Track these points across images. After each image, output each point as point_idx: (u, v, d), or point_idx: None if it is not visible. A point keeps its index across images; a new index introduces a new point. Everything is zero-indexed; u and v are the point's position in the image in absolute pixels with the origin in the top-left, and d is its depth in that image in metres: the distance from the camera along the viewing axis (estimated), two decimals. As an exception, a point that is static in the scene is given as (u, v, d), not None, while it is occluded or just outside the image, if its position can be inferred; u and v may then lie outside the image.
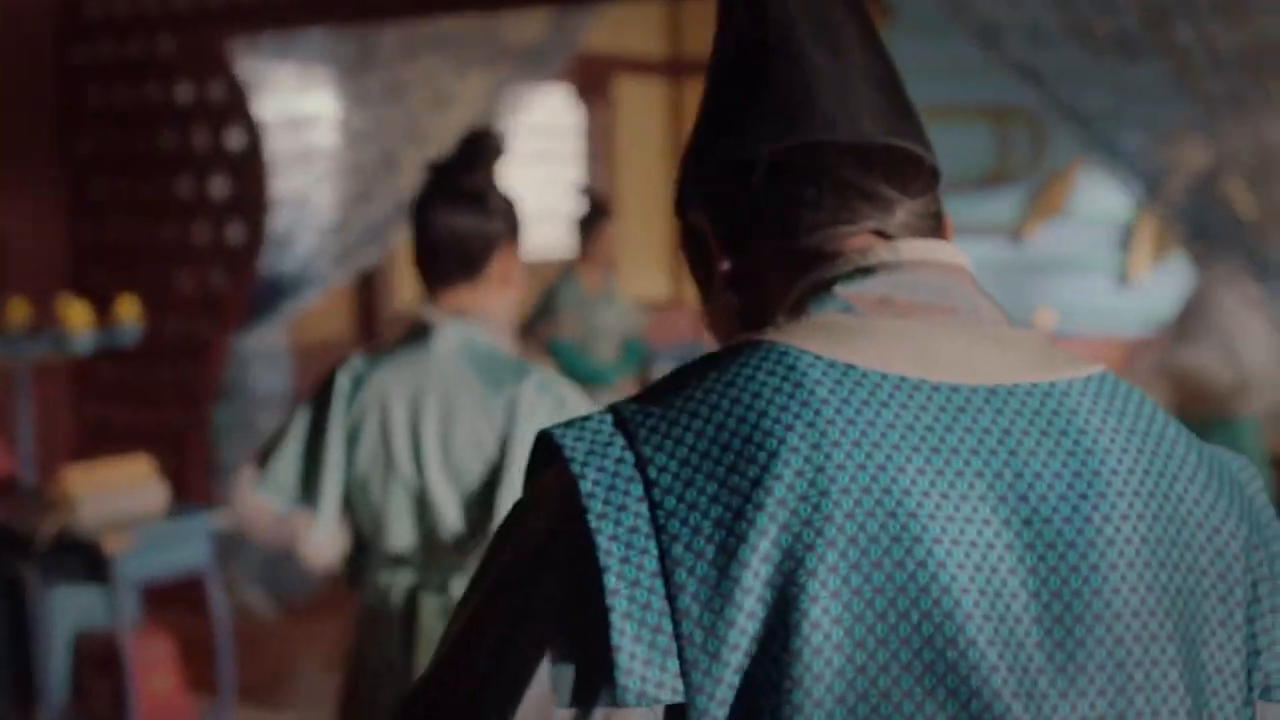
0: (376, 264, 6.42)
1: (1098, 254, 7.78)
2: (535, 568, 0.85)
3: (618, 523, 0.82)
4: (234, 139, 5.57)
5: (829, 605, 0.80)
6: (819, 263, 0.97)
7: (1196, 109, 3.80)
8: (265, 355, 5.88)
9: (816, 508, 0.81)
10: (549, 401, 2.34)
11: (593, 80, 8.64)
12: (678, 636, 0.80)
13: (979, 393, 0.88)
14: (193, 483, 5.55)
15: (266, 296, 5.74)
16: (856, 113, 0.99)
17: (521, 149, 8.11)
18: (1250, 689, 0.91)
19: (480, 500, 2.36)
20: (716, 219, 1.02)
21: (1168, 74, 3.81)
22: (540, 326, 5.90)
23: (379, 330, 7.51)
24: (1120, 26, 3.78)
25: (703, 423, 0.85)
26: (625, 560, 0.81)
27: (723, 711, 0.80)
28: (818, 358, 0.87)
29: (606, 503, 0.83)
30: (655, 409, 0.88)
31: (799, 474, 0.81)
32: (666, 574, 0.81)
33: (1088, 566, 0.85)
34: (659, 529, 0.82)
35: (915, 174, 1.00)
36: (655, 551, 0.81)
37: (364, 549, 2.48)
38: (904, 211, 0.98)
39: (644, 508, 0.82)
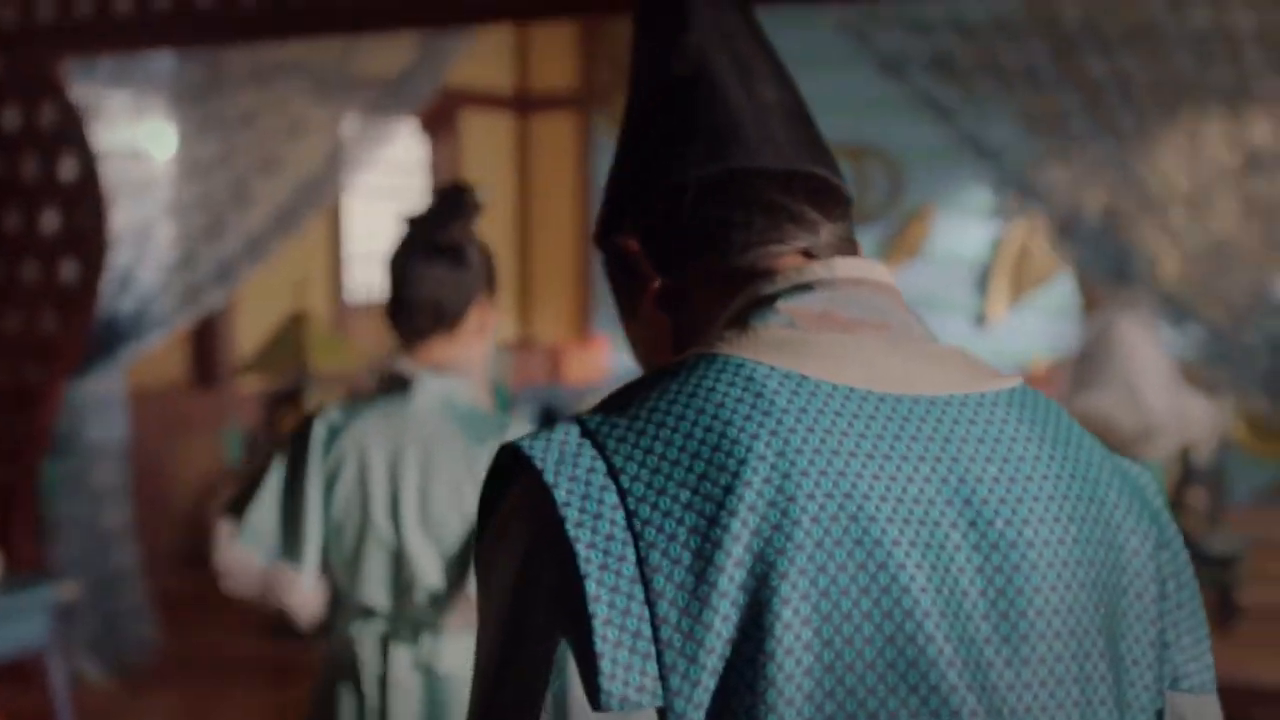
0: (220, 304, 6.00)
1: (955, 295, 7.79)
2: (521, 582, 0.87)
3: (594, 530, 0.85)
4: (67, 168, 5.13)
5: (799, 607, 0.83)
6: (753, 280, 1.01)
7: (1107, 143, 3.71)
8: (101, 403, 5.42)
9: (785, 513, 0.84)
10: None
11: (438, 114, 8.34)
12: (656, 641, 0.83)
13: (920, 403, 0.93)
14: (22, 546, 5.06)
15: (103, 340, 5.29)
16: (777, 142, 1.04)
17: (365, 185, 7.77)
18: (1161, 679, 0.97)
19: (458, 557, 2.33)
20: (648, 242, 1.06)
21: (1078, 107, 3.71)
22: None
23: (219, 375, 7.07)
24: (1029, 58, 3.67)
25: (670, 432, 0.88)
26: (604, 567, 0.84)
27: (699, 714, 0.83)
28: (772, 369, 0.91)
29: (582, 511, 0.85)
30: (620, 420, 0.90)
31: (767, 480, 0.85)
32: (645, 580, 0.83)
33: (1028, 565, 0.90)
34: (635, 536, 0.84)
35: (834, 200, 1.05)
36: (633, 558, 0.84)
37: (335, 599, 2.46)
38: (827, 233, 1.04)
39: (619, 515, 0.85)
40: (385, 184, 8.17)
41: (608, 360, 8.75)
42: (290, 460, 2.40)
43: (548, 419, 7.68)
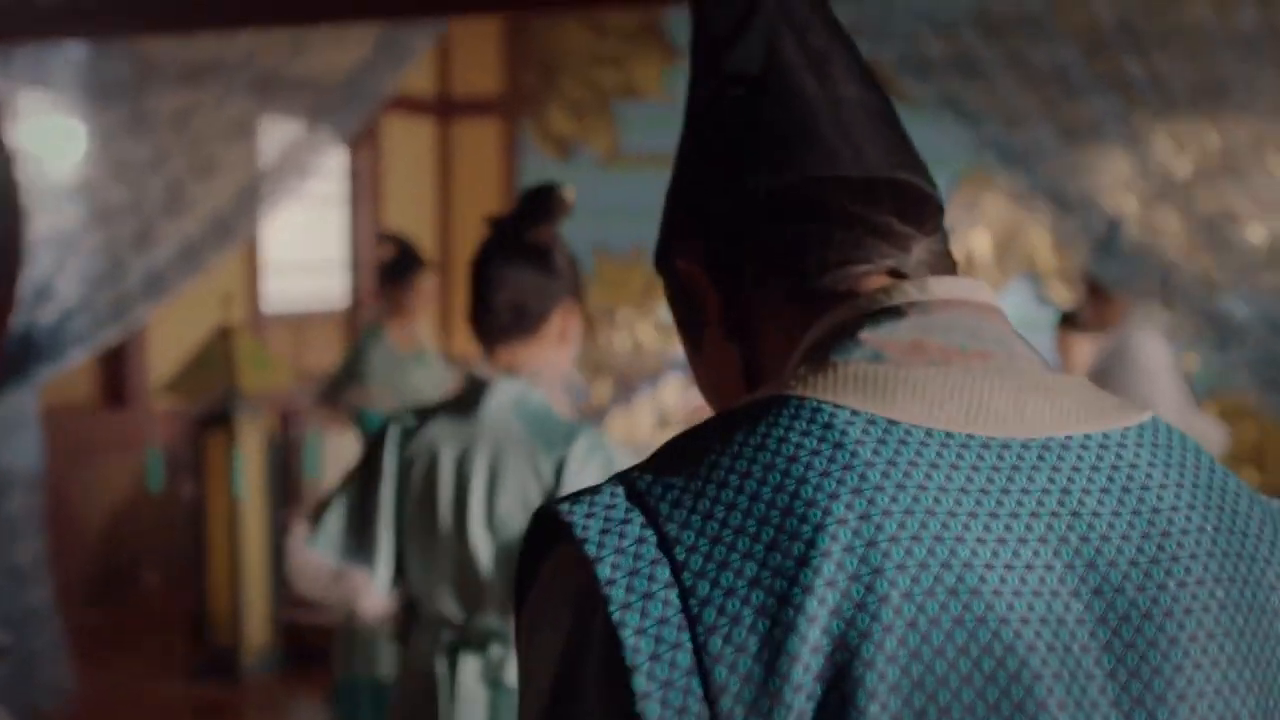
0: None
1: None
2: (561, 673, 0.76)
3: (644, 614, 0.73)
4: (-22, 170, 4.67)
5: (888, 701, 0.71)
6: (833, 304, 0.89)
7: (1143, 150, 3.49)
8: (13, 427, 4.95)
9: (870, 588, 0.72)
10: (599, 462, 2.26)
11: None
12: None
13: (1031, 448, 0.80)
14: (-69, 587, 4.58)
15: (17, 357, 4.83)
16: (859, 145, 0.91)
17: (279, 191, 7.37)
18: None
19: None
20: (711, 263, 0.94)
21: (1112, 110, 3.49)
22: (346, 394, 5.19)
23: (132, 393, 6.59)
24: (1059, 58, 3.44)
25: (734, 493, 0.76)
26: (655, 657, 0.72)
27: None
28: (855, 414, 0.79)
29: (630, 590, 0.73)
30: (674, 479, 0.78)
31: (848, 550, 0.73)
32: (704, 672, 0.71)
33: (1166, 640, 0.77)
34: (692, 620, 0.72)
35: (925, 210, 0.92)
36: (690, 646, 0.72)
37: (411, 606, 2.43)
38: (920, 249, 0.92)
39: (674, 595, 0.73)
40: (303, 191, 7.75)
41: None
42: (364, 464, 2.39)
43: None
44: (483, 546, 2.29)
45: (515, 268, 2.32)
